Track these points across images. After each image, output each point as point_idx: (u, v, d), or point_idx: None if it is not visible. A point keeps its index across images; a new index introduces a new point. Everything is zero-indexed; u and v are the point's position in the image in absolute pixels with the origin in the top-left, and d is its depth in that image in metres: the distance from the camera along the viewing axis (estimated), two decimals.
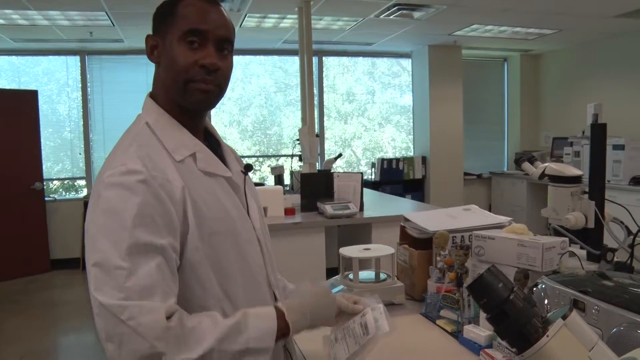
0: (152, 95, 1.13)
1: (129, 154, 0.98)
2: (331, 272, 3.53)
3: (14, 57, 6.33)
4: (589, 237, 1.79)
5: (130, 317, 0.86)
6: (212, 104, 1.11)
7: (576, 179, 1.86)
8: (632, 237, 1.67)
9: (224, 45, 1.08)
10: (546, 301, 1.23)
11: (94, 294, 0.88)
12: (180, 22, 1.05)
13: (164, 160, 1.01)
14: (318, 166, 4.98)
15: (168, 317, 0.90)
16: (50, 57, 6.44)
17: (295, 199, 4.06)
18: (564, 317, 0.75)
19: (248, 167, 1.21)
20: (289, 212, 3.80)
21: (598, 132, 1.81)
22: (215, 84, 1.07)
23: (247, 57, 7.00)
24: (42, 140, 6.07)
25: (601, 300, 1.09)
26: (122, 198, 0.92)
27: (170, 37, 1.06)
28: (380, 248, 1.83)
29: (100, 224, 0.92)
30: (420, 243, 1.86)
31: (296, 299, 1.07)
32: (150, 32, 1.11)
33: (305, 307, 1.05)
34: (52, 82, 6.48)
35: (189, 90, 1.05)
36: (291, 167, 5.40)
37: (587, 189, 1.84)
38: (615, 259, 1.74)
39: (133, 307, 0.87)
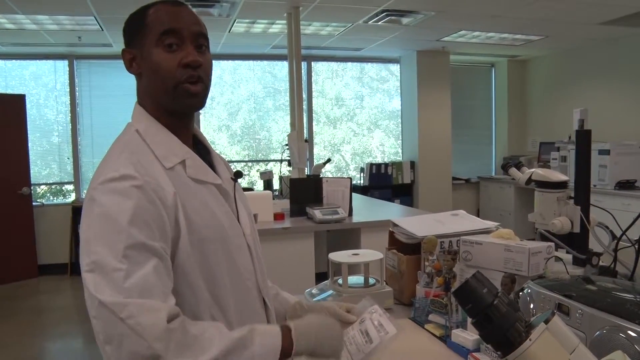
0: (140, 104, 1.14)
1: (121, 161, 0.99)
2: (320, 277, 3.53)
3: (1, 61, 6.28)
4: (575, 241, 1.82)
5: (129, 316, 0.85)
6: (202, 104, 1.12)
7: (562, 185, 1.89)
8: (616, 241, 1.70)
9: (201, 41, 1.10)
10: (532, 305, 1.25)
11: (94, 294, 0.87)
12: (154, 27, 1.06)
13: (154, 167, 1.02)
14: (307, 171, 5.00)
15: (170, 320, 0.88)
16: (38, 61, 6.40)
17: (285, 204, 4.07)
18: (546, 322, 0.77)
19: (238, 174, 1.22)
20: (278, 217, 3.81)
21: (583, 139, 1.85)
22: (201, 82, 1.08)
23: (236, 62, 7.01)
24: (29, 145, 6.02)
25: (585, 304, 1.12)
26: (117, 202, 0.93)
27: (147, 45, 1.07)
28: (369, 253, 1.85)
29: (95, 229, 0.92)
30: (408, 248, 1.88)
31: (304, 320, 1.04)
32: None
33: (312, 328, 1.02)
34: (40, 86, 6.44)
35: (178, 93, 1.07)
36: (280, 172, 5.40)
37: (573, 195, 1.87)
38: (601, 263, 1.77)
39: (133, 305, 0.86)
